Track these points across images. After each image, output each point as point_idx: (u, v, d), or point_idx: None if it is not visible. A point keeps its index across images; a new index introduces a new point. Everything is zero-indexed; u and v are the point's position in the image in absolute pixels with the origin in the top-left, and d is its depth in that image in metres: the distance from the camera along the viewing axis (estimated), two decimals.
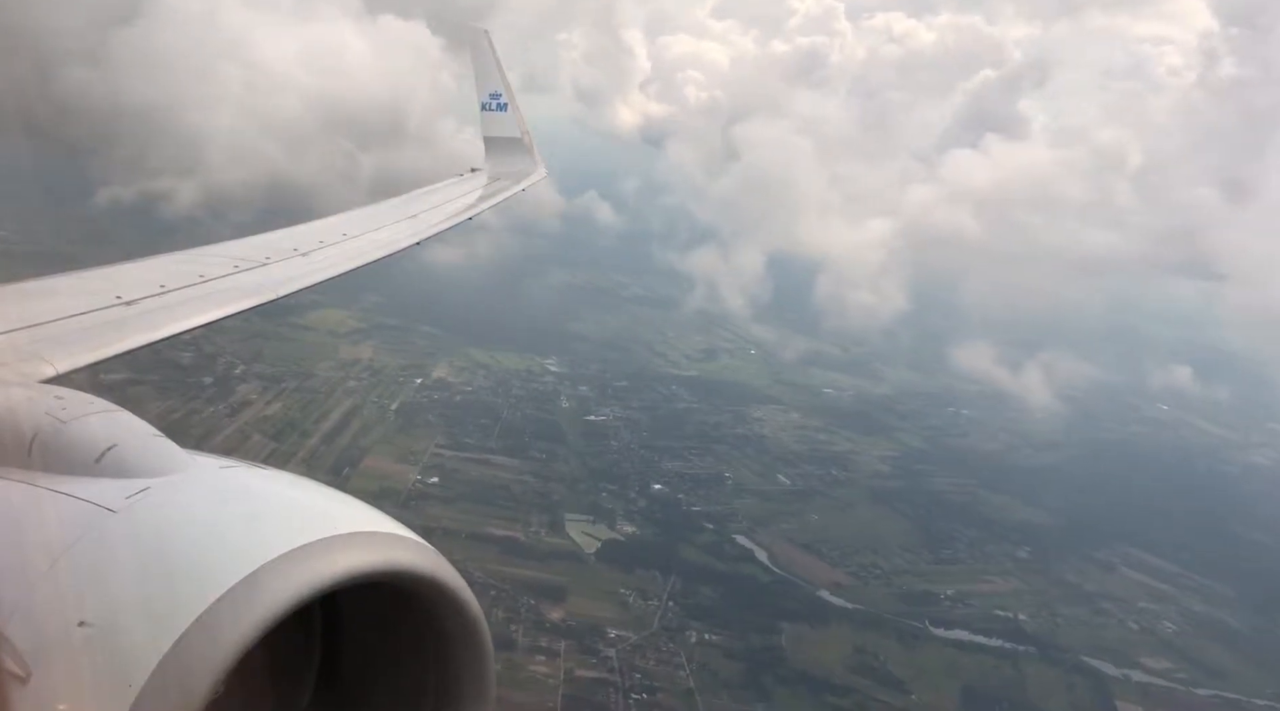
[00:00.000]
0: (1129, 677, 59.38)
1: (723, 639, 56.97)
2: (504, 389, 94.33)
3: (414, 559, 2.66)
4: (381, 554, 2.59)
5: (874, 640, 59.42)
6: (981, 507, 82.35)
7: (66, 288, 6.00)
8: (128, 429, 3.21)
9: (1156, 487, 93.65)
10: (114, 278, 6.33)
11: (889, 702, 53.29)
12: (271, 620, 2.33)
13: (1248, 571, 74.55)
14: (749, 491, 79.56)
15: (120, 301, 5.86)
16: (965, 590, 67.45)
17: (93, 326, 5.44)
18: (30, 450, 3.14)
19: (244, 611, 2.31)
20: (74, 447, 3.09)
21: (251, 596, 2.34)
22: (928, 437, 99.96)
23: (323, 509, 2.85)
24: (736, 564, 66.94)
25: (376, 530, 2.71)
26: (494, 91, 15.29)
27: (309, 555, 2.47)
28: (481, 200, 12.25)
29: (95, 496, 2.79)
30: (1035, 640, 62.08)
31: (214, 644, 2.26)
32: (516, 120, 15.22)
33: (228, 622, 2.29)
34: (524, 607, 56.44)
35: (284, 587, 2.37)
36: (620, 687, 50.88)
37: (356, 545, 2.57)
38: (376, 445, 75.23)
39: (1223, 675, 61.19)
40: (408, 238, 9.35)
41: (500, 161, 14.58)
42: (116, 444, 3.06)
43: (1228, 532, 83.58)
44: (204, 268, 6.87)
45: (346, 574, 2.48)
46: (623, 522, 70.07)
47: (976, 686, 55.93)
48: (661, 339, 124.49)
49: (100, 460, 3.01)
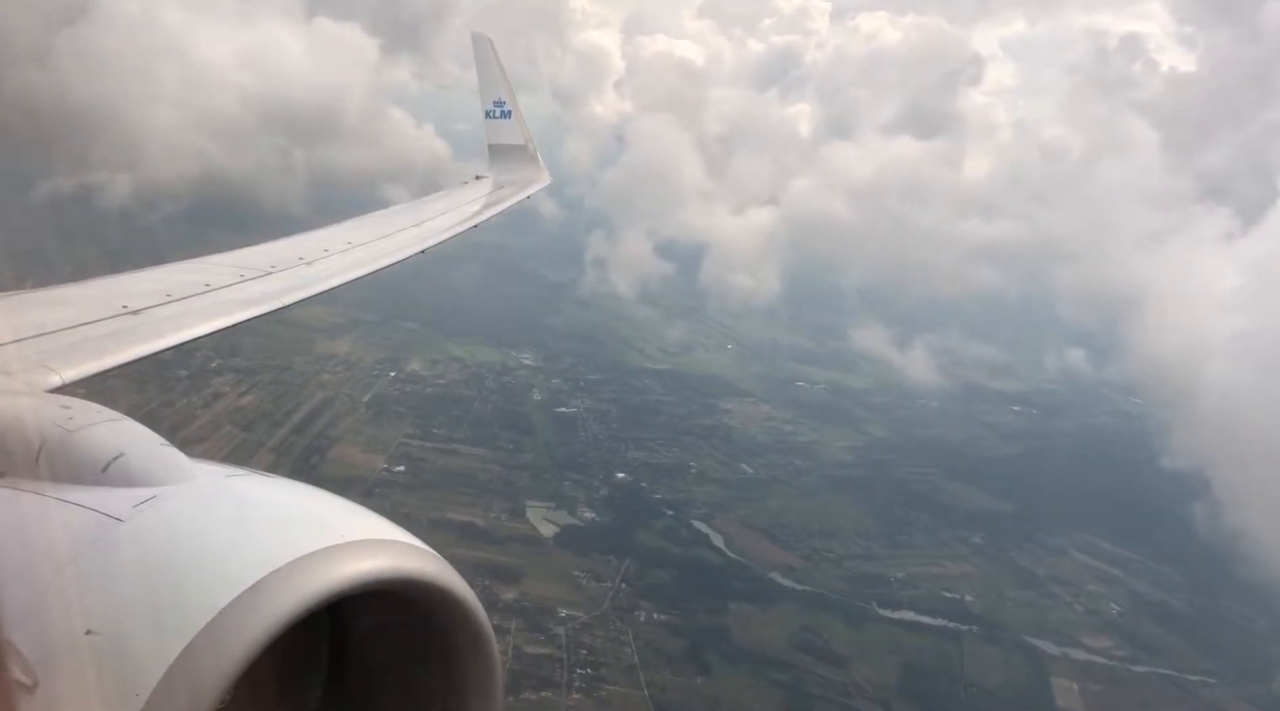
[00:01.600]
0: (1068, 656, 61.07)
1: (671, 618, 58.77)
2: (476, 382, 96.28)
3: (421, 567, 2.67)
4: (388, 562, 2.60)
5: (820, 620, 61.19)
6: (940, 495, 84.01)
7: (72, 297, 6.06)
8: (134, 438, 3.24)
9: (1117, 475, 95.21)
10: (120, 287, 6.41)
11: (828, 678, 55.06)
12: (278, 628, 2.34)
13: (1194, 553, 76.15)
14: (711, 480, 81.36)
15: (126, 311, 5.90)
16: (916, 573, 69.19)
17: (99, 336, 5.46)
18: (38, 459, 3.16)
19: (251, 620, 2.32)
20: (81, 457, 3.12)
21: (258, 605, 2.35)
22: (895, 429, 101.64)
23: (330, 517, 2.86)
24: (691, 548, 68.74)
25: (383, 538, 2.72)
26: (498, 99, 15.39)
27: (315, 563, 2.48)
28: (486, 207, 12.30)
29: (102, 505, 2.80)
30: (980, 620, 63.81)
31: (221, 652, 2.27)
32: (520, 127, 15.31)
33: (235, 631, 2.31)
34: (478, 589, 56.42)
35: (291, 596, 2.38)
36: (566, 663, 52.69)
37: (363, 553, 2.58)
38: (346, 435, 77.16)
39: (1161, 653, 62.85)
40: (413, 245, 9.40)
41: (504, 168, 14.68)
42: (123, 453, 3.09)
43: (1182, 517, 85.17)
44: (209, 277, 6.93)
45: (353, 582, 2.49)
46: (583, 509, 71.91)
47: (916, 663, 57.70)
48: (638, 333, 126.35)
49: (107, 469, 3.03)
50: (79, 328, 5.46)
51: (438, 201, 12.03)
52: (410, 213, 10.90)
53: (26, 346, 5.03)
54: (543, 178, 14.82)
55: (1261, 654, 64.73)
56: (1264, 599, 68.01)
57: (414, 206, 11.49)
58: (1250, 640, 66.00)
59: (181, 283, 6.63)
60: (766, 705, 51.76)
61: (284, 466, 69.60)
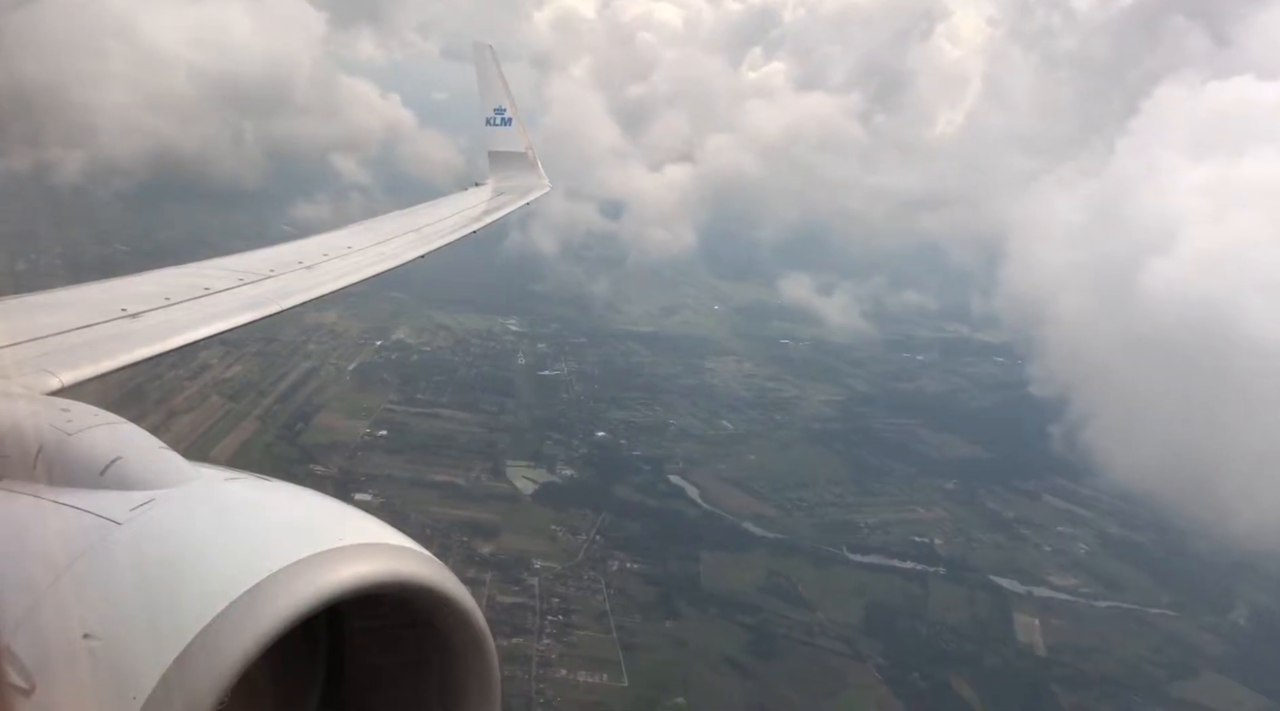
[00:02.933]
0: (1032, 593, 62.77)
1: (643, 567, 60.61)
2: (462, 348, 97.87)
3: (419, 571, 2.67)
4: (386, 565, 2.61)
5: (789, 565, 62.98)
6: (918, 445, 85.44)
7: (71, 300, 6.08)
8: (132, 441, 3.25)
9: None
10: (118, 290, 6.43)
11: (793, 619, 56.92)
12: (276, 632, 2.34)
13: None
14: (690, 436, 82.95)
15: (125, 314, 5.91)
16: (887, 519, 70.86)
17: (97, 339, 5.47)
18: (36, 462, 3.17)
19: (249, 623, 2.33)
20: (79, 460, 3.12)
21: (256, 608, 2.35)
22: (876, 382, 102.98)
23: (327, 520, 2.86)
24: (667, 500, 70.48)
25: (381, 542, 2.73)
26: (498, 106, 15.55)
27: (313, 567, 2.49)
28: (486, 213, 12.42)
29: (100, 508, 2.81)
30: (947, 562, 65.53)
31: (219, 656, 2.28)
32: (520, 135, 15.49)
33: (232, 635, 2.31)
34: (456, 544, 60.12)
35: (288, 600, 2.38)
36: (538, 611, 54.63)
37: (361, 557, 2.59)
38: (331, 402, 78.82)
39: (1125, 588, 64.52)
40: (412, 250, 9.47)
41: (504, 175, 14.85)
42: (121, 456, 3.09)
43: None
44: (208, 281, 6.95)
45: (351, 586, 2.50)
46: (562, 467, 73.62)
47: (881, 603, 59.50)
48: (623, 297, 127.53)
49: (105, 472, 3.03)
50: (78, 331, 5.47)
51: (438, 207, 12.17)
52: (410, 218, 10.98)
53: (25, 349, 5.02)
54: (543, 184, 14.93)
55: (1224, 587, 66.41)
56: (1228, 535, 69.50)
57: (414, 212, 11.57)
58: (1216, 575, 67.59)
59: (180, 286, 6.68)
60: (731, 646, 53.60)
61: (268, 433, 71.53)
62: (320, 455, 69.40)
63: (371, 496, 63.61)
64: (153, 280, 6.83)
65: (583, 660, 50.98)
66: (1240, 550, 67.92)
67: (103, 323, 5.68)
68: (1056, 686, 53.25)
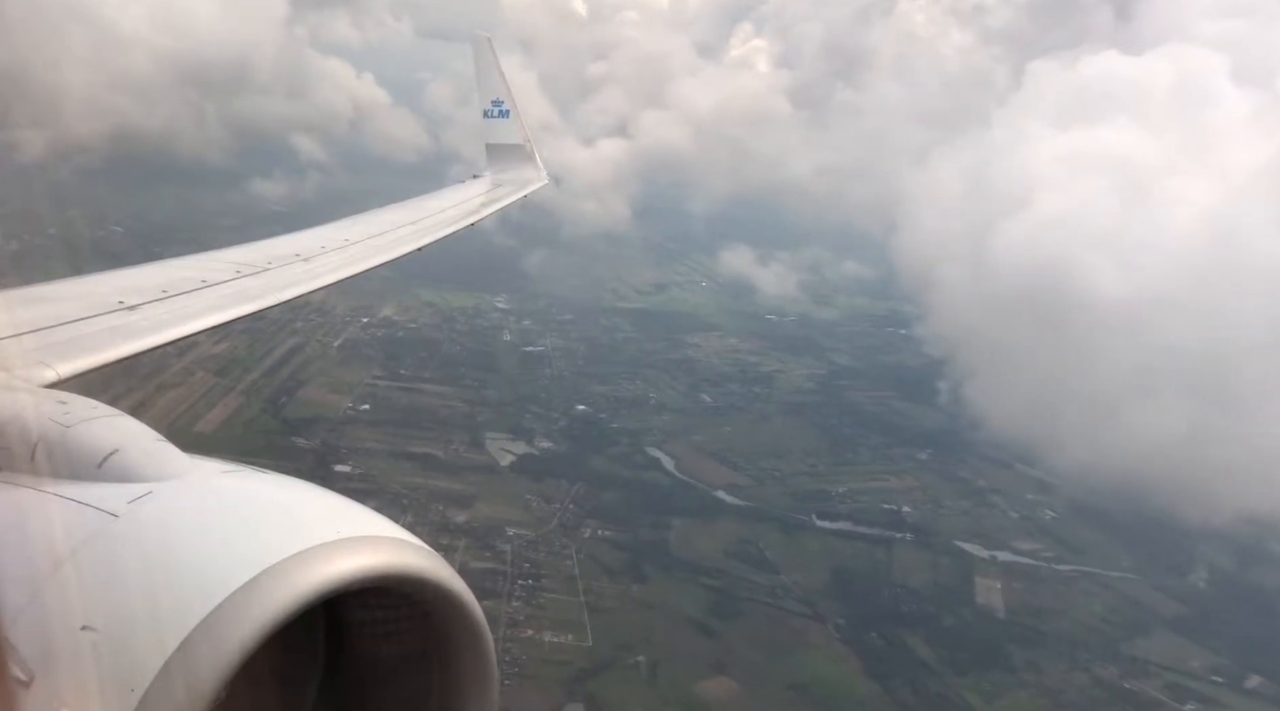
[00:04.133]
0: (995, 558, 64.16)
1: (614, 534, 62.19)
2: (448, 325, 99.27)
3: (417, 563, 2.68)
4: (384, 558, 2.63)
5: (758, 531, 64.50)
6: (894, 417, 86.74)
7: (69, 293, 6.06)
8: (130, 433, 3.26)
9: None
10: (116, 282, 6.44)
11: (758, 582, 58.49)
12: (275, 624, 2.37)
13: (1137, 463, 78.74)
14: (670, 409, 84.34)
15: (123, 306, 5.92)
16: (858, 488, 72.24)
17: (95, 331, 5.48)
18: (34, 455, 3.18)
19: (247, 616, 2.35)
20: (77, 452, 3.14)
21: (255, 601, 2.37)
22: (859, 356, 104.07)
23: (325, 513, 2.87)
24: (642, 471, 71.98)
25: (379, 534, 2.74)
26: (496, 98, 15.59)
27: (312, 559, 2.50)
28: (484, 206, 12.44)
29: (98, 501, 2.81)
30: (914, 528, 66.97)
31: (217, 648, 2.30)
32: (519, 127, 15.55)
33: (231, 627, 2.33)
34: (432, 512, 61.78)
35: (287, 592, 2.41)
36: (509, 576, 56.27)
37: (359, 549, 2.61)
38: (315, 378, 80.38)
39: (1087, 553, 65.83)
40: (409, 243, 9.54)
41: (503, 168, 14.91)
42: (119, 448, 3.10)
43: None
44: (206, 273, 6.98)
45: (349, 578, 2.52)
46: (541, 439, 75.13)
47: (846, 567, 61.02)
48: (613, 274, 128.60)
49: (103, 465, 3.04)
50: (76, 323, 5.48)
51: (435, 199, 12.25)
52: (408, 210, 11.06)
53: (23, 341, 5.04)
54: (540, 177, 15.00)
55: (1189, 551, 67.73)
56: (1195, 499, 70.77)
57: (411, 204, 11.64)
58: (1180, 539, 68.90)
59: (178, 279, 6.71)
60: (695, 607, 55.22)
61: (252, 407, 73.15)
62: (302, 429, 71.04)
63: (350, 468, 65.44)
64: (151, 272, 6.90)
65: (549, 621, 52.65)
66: (1206, 517, 69.33)
67: (100, 315, 5.72)
68: (1012, 645, 54.70)
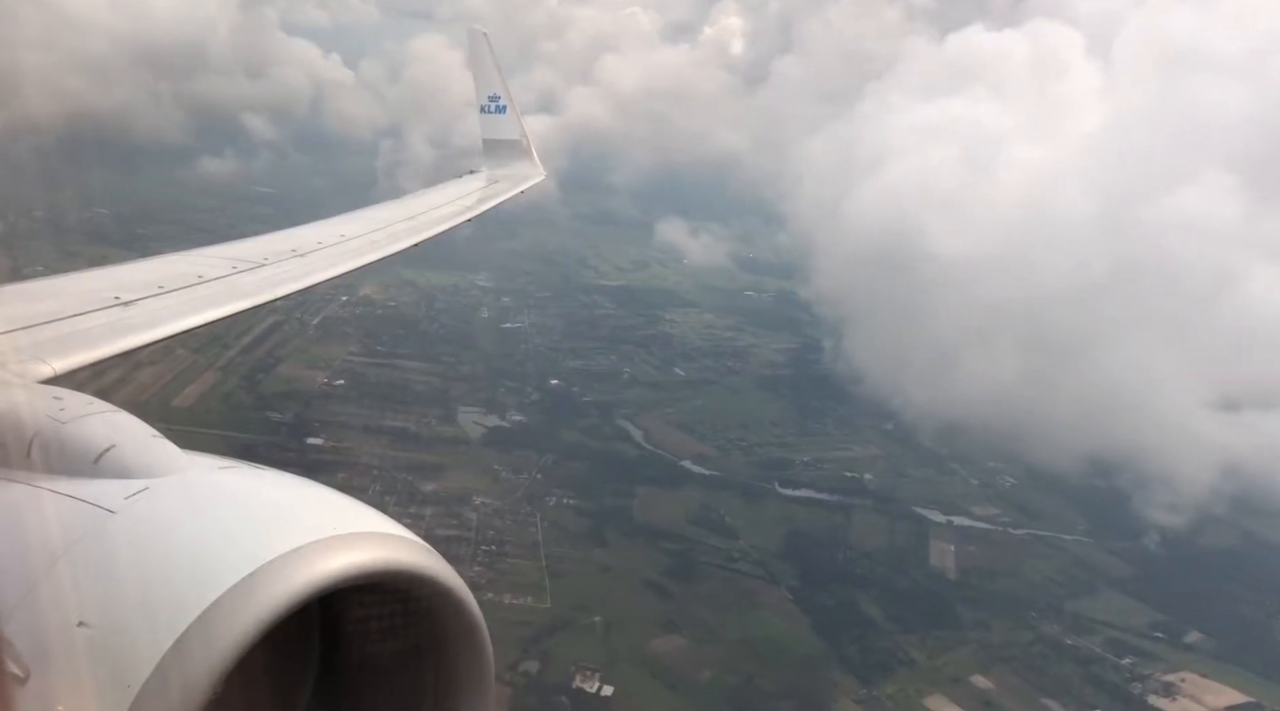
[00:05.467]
0: (952, 523, 65.80)
1: (579, 502, 63.76)
2: (427, 303, 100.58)
3: (413, 559, 2.70)
4: (380, 554, 2.64)
5: (720, 499, 66.13)
6: (864, 389, 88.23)
7: (65, 288, 6.08)
8: (126, 430, 3.29)
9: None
10: (112, 278, 6.44)
11: (715, 546, 60.18)
12: (270, 620, 2.38)
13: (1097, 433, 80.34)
14: (642, 383, 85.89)
15: (119, 302, 5.92)
16: (822, 457, 73.86)
17: (91, 327, 5.48)
18: (29, 451, 3.20)
19: (243, 612, 2.36)
20: (73, 448, 3.17)
21: (250, 597, 2.38)
22: (834, 331, 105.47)
23: (322, 509, 2.90)
24: (611, 442, 73.54)
25: (375, 531, 2.77)
26: (492, 94, 15.56)
27: (308, 555, 2.52)
28: (480, 202, 12.39)
29: (94, 497, 2.84)
30: (875, 495, 68.62)
31: (213, 644, 2.31)
32: (515, 123, 15.53)
33: (227, 623, 2.34)
34: (400, 483, 63.37)
35: (283, 588, 2.42)
36: (473, 542, 57.90)
37: (355, 545, 2.63)
38: (292, 354, 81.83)
39: (1043, 517, 67.52)
40: (406, 238, 9.54)
41: (499, 163, 14.93)
42: (115, 444, 3.13)
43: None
44: (202, 269, 6.98)
45: (345, 574, 2.54)
46: (513, 413, 76.66)
47: (803, 532, 62.66)
48: (595, 252, 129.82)
49: (99, 461, 3.07)
50: (71, 319, 5.47)
51: (432, 195, 12.28)
52: (404, 206, 11.05)
53: (18, 337, 5.01)
54: (537, 172, 14.98)
55: (1143, 517, 69.38)
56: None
57: (408, 200, 11.67)
58: (1138, 506, 70.58)
59: (174, 274, 6.70)
60: (653, 570, 56.90)
61: (228, 382, 74.66)
62: (277, 403, 72.56)
63: (323, 440, 67.00)
64: (146, 268, 6.91)
65: (510, 585, 54.29)
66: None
67: (97, 310, 5.71)
68: (960, 605, 56.42)
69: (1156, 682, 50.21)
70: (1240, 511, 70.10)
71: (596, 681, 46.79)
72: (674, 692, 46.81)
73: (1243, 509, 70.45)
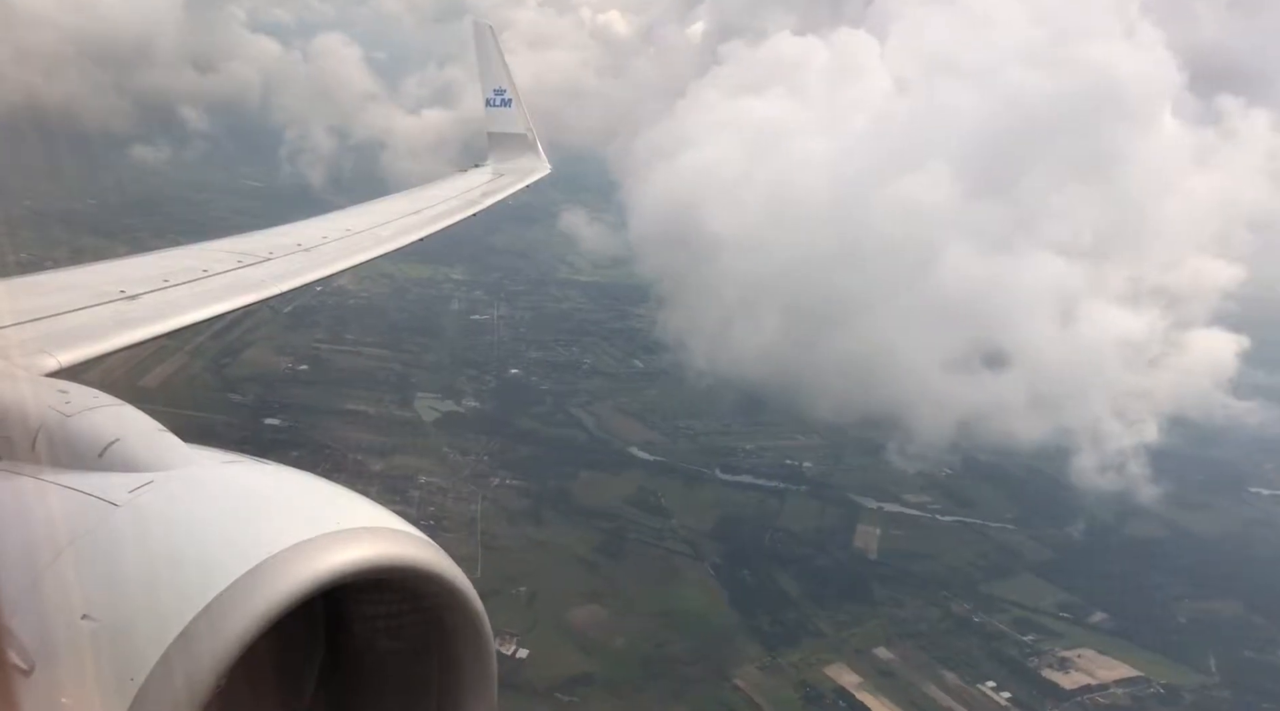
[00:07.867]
0: (883, 509, 67.96)
1: (521, 483, 66.27)
2: (400, 294, 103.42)
3: (417, 554, 2.72)
4: (384, 549, 2.67)
5: (660, 483, 68.52)
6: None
7: (70, 282, 6.09)
8: (131, 423, 3.33)
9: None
10: (117, 272, 6.47)
11: (649, 526, 62.61)
12: (274, 615, 2.40)
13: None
14: (600, 374, 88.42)
15: (124, 295, 5.91)
16: (766, 445, 76.17)
17: (96, 320, 5.49)
18: (34, 444, 3.24)
19: (247, 606, 2.37)
20: (78, 441, 3.20)
21: (255, 591, 2.40)
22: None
23: (326, 504, 2.92)
24: (561, 429, 76.08)
25: (380, 526, 2.80)
26: (498, 87, 15.71)
27: (312, 550, 2.54)
28: (485, 196, 12.44)
29: (99, 490, 2.87)
30: (811, 481, 70.90)
31: (217, 638, 2.32)
32: (520, 116, 15.62)
33: (231, 617, 2.35)
34: (350, 462, 66.04)
35: (287, 582, 2.43)
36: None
37: (360, 540, 2.64)
38: (260, 341, 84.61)
39: (974, 505, 69.63)
40: (411, 233, 9.57)
41: (504, 157, 15.00)
42: (120, 438, 3.16)
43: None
44: (207, 263, 7.01)
45: (349, 568, 2.55)
46: (469, 399, 79.34)
47: (735, 515, 64.98)
48: (573, 249, 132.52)
49: (104, 454, 3.10)
50: (77, 312, 5.48)
51: (436, 189, 12.33)
52: (409, 200, 11.14)
53: (24, 330, 5.02)
54: (542, 166, 15.05)
55: (1075, 506, 71.41)
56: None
57: (413, 194, 11.76)
58: (1072, 497, 72.64)
59: (180, 268, 6.75)
60: (584, 547, 59.39)
61: (194, 366, 77.51)
62: (240, 386, 75.46)
63: (280, 421, 69.86)
64: (152, 262, 6.99)
65: None
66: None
67: (102, 304, 5.73)
68: (876, 583, 58.66)
69: (1053, 657, 52.27)
70: (1168, 503, 72.12)
71: (514, 645, 49.27)
72: (586, 656, 49.29)
73: (1172, 501, 72.46)
